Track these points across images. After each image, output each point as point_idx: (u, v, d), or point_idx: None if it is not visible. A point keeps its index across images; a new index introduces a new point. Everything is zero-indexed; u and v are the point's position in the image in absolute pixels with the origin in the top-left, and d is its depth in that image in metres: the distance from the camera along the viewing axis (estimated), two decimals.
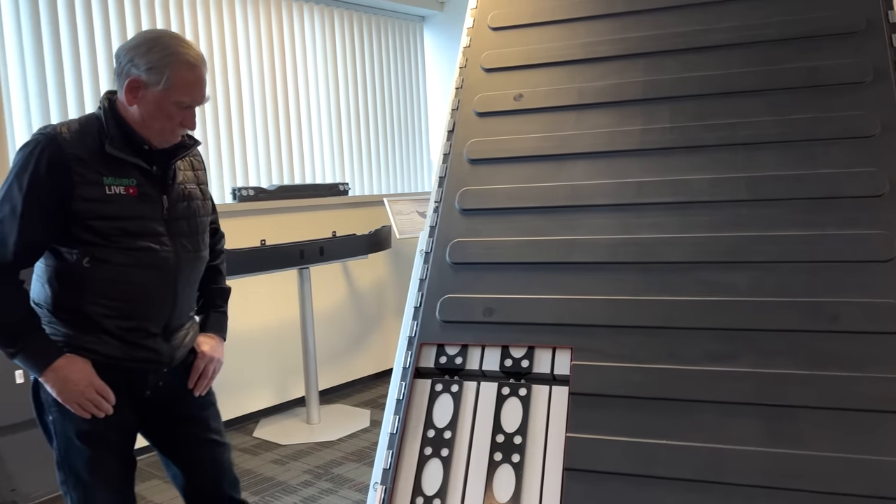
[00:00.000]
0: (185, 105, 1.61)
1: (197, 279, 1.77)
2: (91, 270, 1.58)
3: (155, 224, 1.64)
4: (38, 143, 1.54)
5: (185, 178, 1.75)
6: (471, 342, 1.99)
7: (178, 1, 3.89)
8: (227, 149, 4.16)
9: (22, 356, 1.56)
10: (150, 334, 1.64)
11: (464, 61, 2.56)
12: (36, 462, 2.88)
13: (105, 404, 1.58)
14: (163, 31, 1.62)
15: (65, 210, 1.55)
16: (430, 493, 1.80)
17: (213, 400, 1.87)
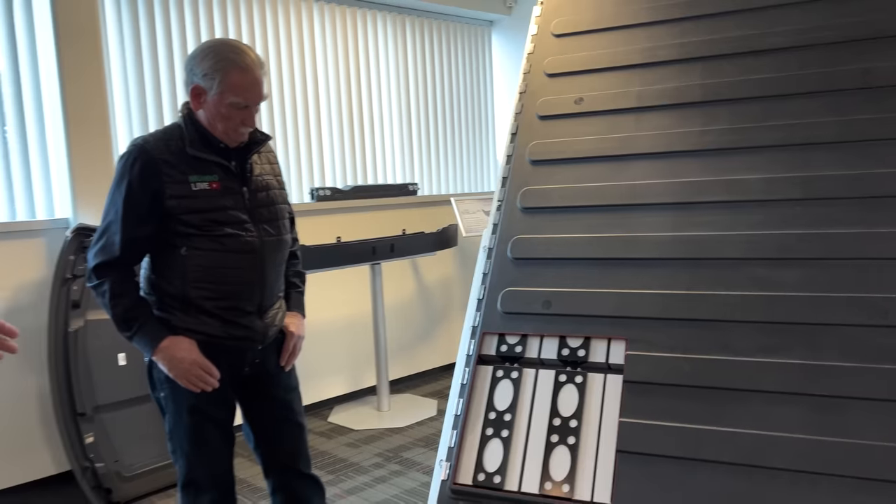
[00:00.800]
0: (240, 106, 1.74)
1: (282, 261, 1.93)
2: (189, 259, 1.76)
3: (239, 213, 1.80)
4: (130, 154, 1.74)
5: (262, 171, 1.90)
6: (530, 332, 2.09)
7: (262, 14, 4.13)
8: (306, 152, 4.38)
9: (137, 339, 1.76)
10: (245, 313, 1.81)
11: (527, 67, 2.66)
12: (136, 436, 3.14)
13: (210, 379, 1.76)
14: (219, 40, 1.77)
15: (159, 208, 1.73)
16: (491, 469, 1.91)
17: (296, 385, 2.04)
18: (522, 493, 1.84)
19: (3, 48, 3.23)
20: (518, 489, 1.85)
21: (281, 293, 1.98)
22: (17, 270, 3.13)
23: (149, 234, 1.77)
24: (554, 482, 1.82)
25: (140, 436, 3.14)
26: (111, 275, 1.77)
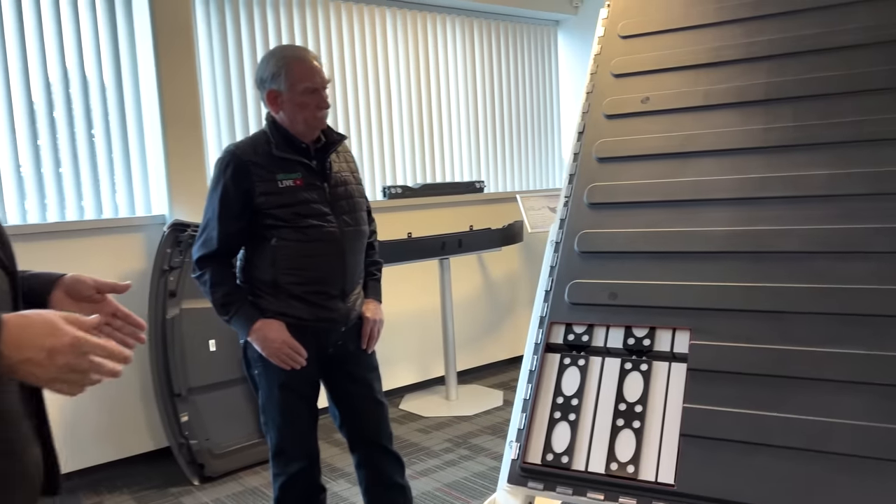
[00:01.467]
0: (311, 89, 1.91)
1: (361, 249, 2.08)
2: (278, 248, 1.93)
3: (321, 206, 1.96)
4: (224, 159, 1.92)
5: (340, 168, 2.06)
6: (596, 322, 2.17)
7: (338, 20, 4.31)
8: (379, 152, 4.55)
9: (234, 321, 1.94)
10: (330, 296, 1.97)
11: (594, 68, 2.73)
12: (225, 417, 3.36)
13: (298, 358, 1.92)
14: (274, 48, 1.96)
15: (251, 204, 1.91)
16: (559, 450, 2.01)
17: (376, 366, 2.19)
18: (589, 473, 1.93)
19: (107, 57, 3.50)
20: (585, 469, 1.94)
21: (361, 279, 2.13)
22: (119, 262, 3.40)
23: (242, 229, 1.94)
24: (619, 463, 1.91)
25: (228, 416, 3.36)
26: (211, 266, 1.95)
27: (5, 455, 0.98)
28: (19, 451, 1.00)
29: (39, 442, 1.06)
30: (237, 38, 3.90)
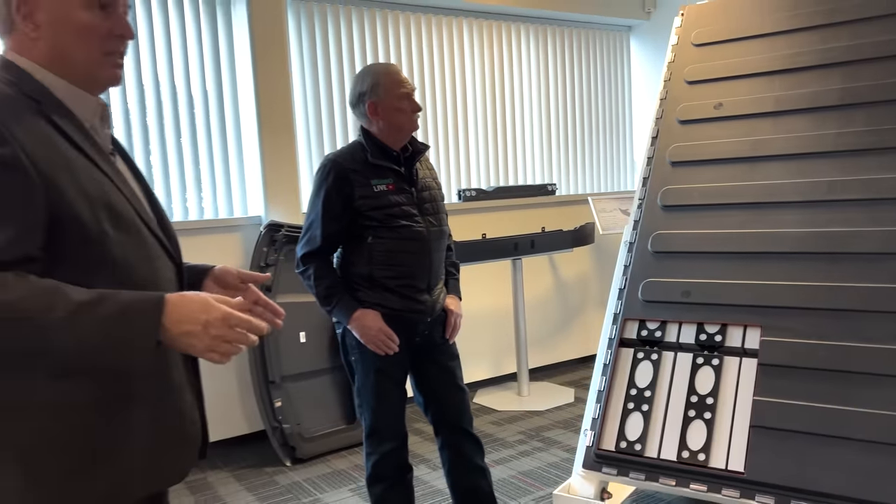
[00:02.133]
0: (406, 94, 2.14)
1: (444, 247, 2.26)
2: (373, 246, 2.12)
3: (410, 208, 2.15)
4: (325, 167, 2.14)
5: (424, 175, 2.26)
6: (669, 319, 2.27)
7: (418, 30, 4.51)
8: (454, 156, 4.72)
9: (335, 311, 2.13)
10: (418, 289, 2.15)
11: (668, 75, 2.81)
12: (315, 403, 3.59)
13: (392, 345, 2.10)
14: (364, 67, 2.20)
15: (349, 207, 2.11)
16: (632, 438, 2.11)
17: (457, 355, 2.34)
18: (661, 460, 2.03)
19: (209, 68, 3.79)
20: (657, 456, 2.04)
21: (443, 275, 2.29)
22: (218, 260, 3.67)
23: (342, 229, 2.14)
24: (690, 451, 2.00)
25: (317, 403, 3.59)
26: (314, 262, 2.16)
27: (178, 418, 1.17)
28: (187, 415, 1.20)
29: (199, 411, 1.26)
30: (325, 50, 4.14)
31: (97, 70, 1.14)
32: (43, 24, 1.09)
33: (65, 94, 1.12)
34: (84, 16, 1.11)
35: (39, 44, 1.10)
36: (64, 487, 1.03)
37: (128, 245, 1.10)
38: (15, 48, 1.11)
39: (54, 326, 0.96)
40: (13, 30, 1.10)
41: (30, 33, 1.10)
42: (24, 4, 1.08)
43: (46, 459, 1.02)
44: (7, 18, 1.10)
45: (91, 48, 1.12)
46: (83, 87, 1.14)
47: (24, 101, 1.06)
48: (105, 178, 1.11)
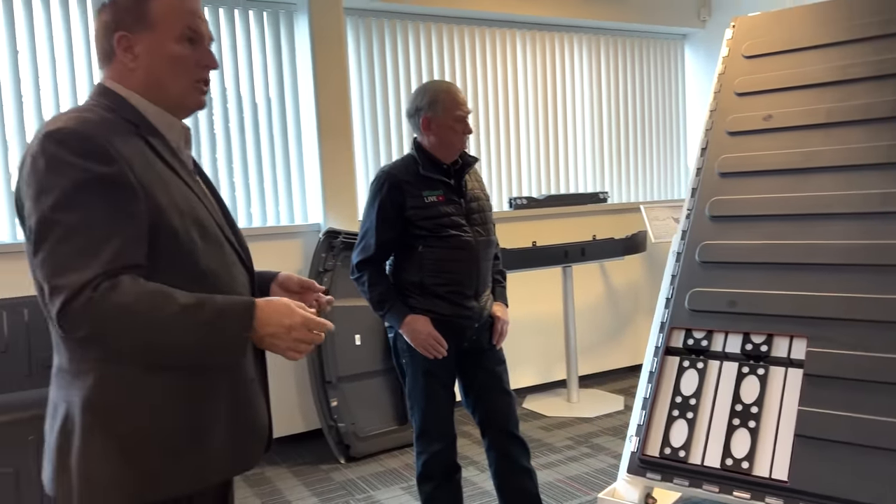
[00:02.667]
0: (461, 117, 2.24)
1: (491, 256, 2.34)
2: (424, 255, 2.22)
3: (459, 218, 2.24)
4: (380, 179, 2.25)
5: (473, 187, 2.35)
6: (715, 328, 2.29)
7: (472, 41, 4.60)
8: (506, 165, 4.80)
9: (388, 316, 2.24)
10: (466, 296, 2.23)
11: (718, 86, 2.83)
12: (369, 404, 3.71)
13: (441, 349, 2.19)
14: (427, 82, 2.29)
15: (402, 217, 2.21)
16: (677, 445, 2.15)
17: (504, 360, 2.41)
18: (704, 467, 2.06)
19: (272, 81, 3.97)
20: (701, 463, 2.07)
21: (490, 283, 2.37)
22: (280, 265, 3.84)
23: (395, 237, 2.25)
24: (734, 459, 2.02)
25: (371, 404, 3.71)
26: (368, 269, 2.27)
27: (249, 409, 1.29)
28: (258, 409, 1.32)
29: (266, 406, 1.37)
30: (382, 62, 4.28)
31: (186, 96, 1.27)
32: (140, 56, 1.23)
33: (156, 119, 1.25)
34: (176, 49, 1.24)
35: (136, 73, 1.23)
36: (154, 471, 1.15)
37: (211, 254, 1.23)
38: (113, 76, 1.25)
39: (162, 326, 1.09)
40: (112, 60, 1.24)
41: (128, 63, 1.23)
42: (124, 39, 1.22)
43: (142, 446, 1.15)
44: (107, 50, 1.24)
45: (181, 77, 1.25)
46: (172, 112, 1.27)
47: (124, 125, 1.19)
48: (192, 194, 1.24)
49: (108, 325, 1.07)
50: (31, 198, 1.10)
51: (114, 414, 1.14)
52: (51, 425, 1.19)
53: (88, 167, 1.09)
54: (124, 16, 1.22)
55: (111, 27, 1.23)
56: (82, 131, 1.11)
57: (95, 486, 1.13)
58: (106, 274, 1.07)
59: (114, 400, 1.14)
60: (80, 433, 1.14)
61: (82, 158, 1.09)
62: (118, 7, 1.22)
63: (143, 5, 1.22)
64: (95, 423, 1.13)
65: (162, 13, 1.23)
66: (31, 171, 1.11)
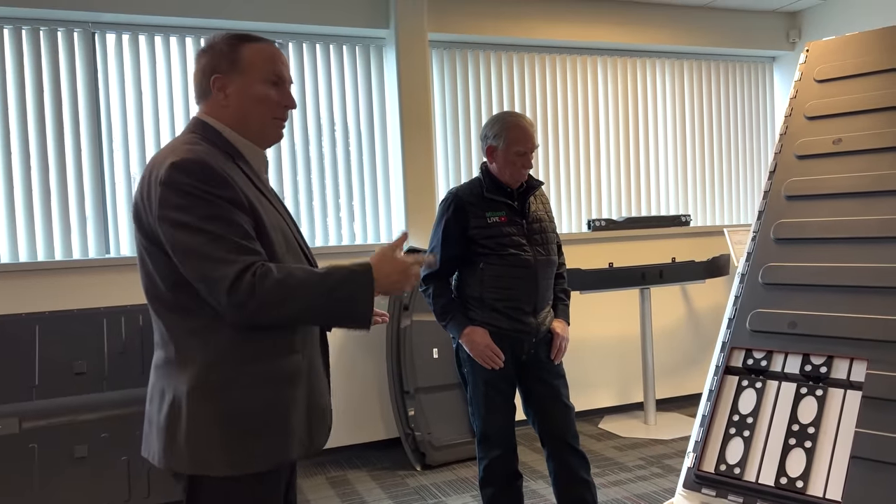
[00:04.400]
0: (522, 153, 2.34)
1: (551, 276, 2.44)
2: (484, 271, 2.36)
3: (520, 238, 2.36)
4: (447, 200, 2.41)
5: (537, 209, 2.45)
6: (775, 349, 2.29)
7: (553, 68, 4.73)
8: (585, 187, 4.87)
9: (449, 326, 2.39)
10: (524, 312, 2.35)
11: (789, 111, 2.83)
12: (444, 415, 3.86)
13: (497, 360, 2.32)
14: (501, 112, 2.41)
15: (465, 236, 2.36)
16: (732, 462, 2.16)
17: (563, 374, 2.50)
18: (759, 484, 2.07)
19: (363, 107, 4.25)
20: (755, 480, 2.08)
21: (550, 300, 2.47)
22: None
23: (459, 254, 2.40)
24: (789, 478, 2.02)
25: (446, 415, 3.86)
26: (434, 283, 2.43)
27: (320, 396, 1.48)
28: (324, 395, 1.50)
29: None
30: (465, 92, 4.48)
31: (267, 131, 1.49)
32: (231, 95, 1.46)
33: (244, 149, 1.48)
34: (262, 90, 1.46)
35: (228, 110, 1.46)
36: (249, 446, 1.36)
37: (291, 261, 1.45)
38: (208, 111, 1.48)
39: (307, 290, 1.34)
40: (208, 97, 1.48)
41: (221, 101, 1.46)
42: (218, 80, 1.45)
43: (238, 425, 1.36)
44: (204, 88, 1.48)
45: (265, 115, 1.48)
46: (256, 143, 1.50)
47: (223, 154, 1.42)
48: (276, 212, 1.46)
49: (270, 297, 1.30)
50: (166, 217, 1.32)
51: (214, 398, 1.35)
52: (157, 408, 1.40)
53: (213, 190, 1.33)
54: (220, 61, 1.45)
55: (208, 70, 1.46)
56: (205, 161, 1.34)
57: (202, 459, 1.34)
58: (252, 264, 1.32)
59: (214, 386, 1.35)
60: (186, 415, 1.35)
61: (208, 183, 1.32)
62: (215, 53, 1.46)
63: (236, 52, 1.45)
64: (200, 406, 1.35)
65: (251, 60, 1.45)
66: (164, 195, 1.33)
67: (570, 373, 2.70)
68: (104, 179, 3.78)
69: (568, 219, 4.80)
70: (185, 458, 1.35)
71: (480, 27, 4.36)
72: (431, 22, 4.22)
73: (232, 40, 1.46)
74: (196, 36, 3.93)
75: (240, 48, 1.45)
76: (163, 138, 3.89)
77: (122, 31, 3.78)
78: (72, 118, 3.71)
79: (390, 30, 4.13)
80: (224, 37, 1.47)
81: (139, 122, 3.83)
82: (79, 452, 3.13)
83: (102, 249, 3.76)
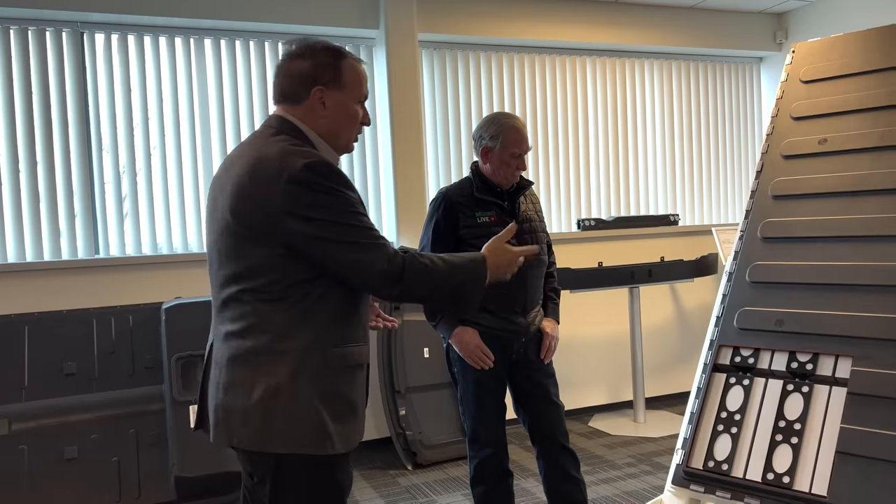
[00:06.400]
0: (517, 154, 2.36)
1: (541, 276, 2.45)
2: None
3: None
4: (437, 199, 2.43)
5: (527, 209, 2.47)
6: (762, 346, 2.32)
7: (542, 69, 4.76)
8: (575, 187, 4.89)
9: (439, 326, 2.40)
10: (514, 312, 2.36)
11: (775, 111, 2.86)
12: (435, 414, 3.87)
13: (487, 360, 2.33)
14: (496, 113, 2.43)
15: (455, 235, 2.37)
16: (720, 458, 2.19)
17: (553, 373, 2.51)
18: (746, 480, 2.09)
19: None
20: (743, 476, 2.11)
21: (540, 300, 2.49)
22: None
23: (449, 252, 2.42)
24: (776, 473, 2.05)
25: (437, 414, 3.86)
26: None
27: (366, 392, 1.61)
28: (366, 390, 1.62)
29: None
30: (455, 92, 4.49)
31: (349, 143, 1.63)
32: (330, 108, 1.56)
33: (327, 154, 1.57)
34: (354, 108, 1.59)
35: (322, 120, 1.57)
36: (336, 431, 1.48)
37: None
38: (297, 115, 1.57)
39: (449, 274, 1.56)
40: (300, 103, 1.56)
41: (319, 111, 1.56)
42: (319, 92, 1.55)
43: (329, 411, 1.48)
44: (300, 93, 1.56)
45: (351, 129, 1.61)
46: (336, 150, 1.62)
47: None
48: None
49: (418, 278, 1.49)
50: (299, 214, 1.44)
51: (315, 381, 1.47)
52: (246, 394, 1.48)
53: (346, 190, 1.48)
54: (323, 73, 1.55)
55: (310, 79, 1.55)
56: (329, 163, 1.48)
57: (302, 438, 1.45)
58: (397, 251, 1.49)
59: (314, 370, 1.47)
60: (287, 397, 1.45)
61: (342, 185, 1.48)
62: (318, 63, 1.55)
63: (338, 68, 1.56)
64: (301, 389, 1.45)
65: (350, 78, 1.57)
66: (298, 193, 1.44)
67: (560, 371, 2.71)
68: (93, 179, 3.76)
69: (558, 218, 4.82)
70: (282, 439, 1.44)
71: (470, 27, 4.38)
72: (421, 22, 4.23)
73: (335, 54, 1.57)
74: (185, 36, 3.92)
75: (342, 64, 1.56)
76: (152, 137, 3.88)
77: (111, 31, 3.77)
78: (60, 118, 3.69)
79: (380, 30, 4.14)
80: (325, 48, 1.57)
81: (128, 122, 3.82)
82: (69, 454, 3.12)
83: (91, 250, 3.74)
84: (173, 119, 3.90)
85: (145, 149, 3.85)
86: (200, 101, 3.95)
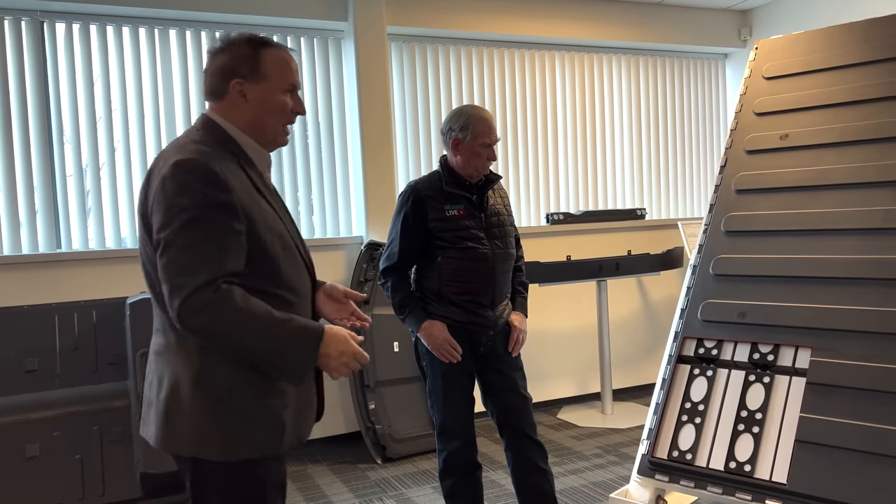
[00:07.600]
0: (487, 144, 2.36)
1: (509, 269, 2.45)
2: (443, 264, 2.36)
3: (478, 232, 2.37)
4: (406, 192, 2.40)
5: (495, 202, 2.47)
6: (725, 338, 2.36)
7: (511, 63, 4.76)
8: (544, 182, 4.91)
9: (407, 320, 2.39)
10: (481, 305, 2.36)
11: (739, 107, 2.90)
12: (405, 408, 3.86)
13: (455, 354, 2.32)
14: (463, 105, 2.42)
15: (424, 228, 2.35)
16: (684, 448, 2.22)
17: (520, 366, 2.52)
18: (710, 469, 2.13)
19: (321, 101, 4.21)
20: (706, 465, 2.14)
21: (508, 293, 2.49)
22: (324, 275, 4.04)
23: (417, 247, 2.40)
24: (738, 462, 2.08)
25: (407, 408, 3.85)
26: (392, 276, 2.43)
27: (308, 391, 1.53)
28: (313, 390, 1.55)
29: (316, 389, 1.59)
30: (424, 85, 4.47)
31: (278, 136, 1.52)
32: (252, 101, 1.47)
33: (251, 150, 1.49)
34: (281, 98, 1.49)
35: (245, 114, 1.48)
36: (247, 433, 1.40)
37: (289, 263, 1.47)
38: (219, 111, 1.49)
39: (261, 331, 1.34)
40: (222, 98, 1.48)
41: (240, 105, 1.47)
42: (238, 85, 1.46)
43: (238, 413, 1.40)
44: (220, 89, 1.48)
45: (278, 121, 1.50)
46: (264, 147, 1.52)
47: (229, 155, 1.43)
48: (274, 213, 1.47)
49: (223, 320, 1.31)
50: (161, 214, 1.33)
51: (212, 385, 1.38)
52: (157, 392, 1.43)
53: (210, 193, 1.34)
54: (240, 65, 1.46)
55: (228, 72, 1.46)
56: (206, 163, 1.35)
57: (200, 443, 1.37)
58: (217, 279, 1.31)
59: (216, 376, 1.38)
60: (185, 399, 1.38)
61: (206, 186, 1.33)
62: (234, 55, 1.46)
63: (258, 58, 1.46)
64: (198, 392, 1.38)
65: (273, 67, 1.47)
66: (162, 191, 1.34)
67: (529, 364, 2.72)
68: (54, 172, 3.67)
69: (527, 212, 4.84)
70: (183, 442, 1.38)
71: (439, 21, 4.36)
72: (390, 15, 4.20)
73: (253, 44, 1.47)
74: (149, 26, 3.84)
75: (261, 53, 1.47)
76: (115, 130, 3.80)
77: (72, 21, 3.67)
78: (20, 109, 3.59)
79: (349, 22, 4.10)
80: (244, 39, 1.48)
81: (90, 114, 3.73)
82: (30, 452, 3.04)
83: (53, 244, 3.65)
84: (137, 112, 3.82)
85: (108, 142, 3.77)
86: (165, 94, 3.88)
